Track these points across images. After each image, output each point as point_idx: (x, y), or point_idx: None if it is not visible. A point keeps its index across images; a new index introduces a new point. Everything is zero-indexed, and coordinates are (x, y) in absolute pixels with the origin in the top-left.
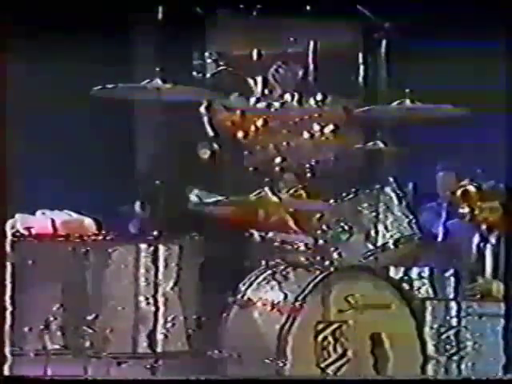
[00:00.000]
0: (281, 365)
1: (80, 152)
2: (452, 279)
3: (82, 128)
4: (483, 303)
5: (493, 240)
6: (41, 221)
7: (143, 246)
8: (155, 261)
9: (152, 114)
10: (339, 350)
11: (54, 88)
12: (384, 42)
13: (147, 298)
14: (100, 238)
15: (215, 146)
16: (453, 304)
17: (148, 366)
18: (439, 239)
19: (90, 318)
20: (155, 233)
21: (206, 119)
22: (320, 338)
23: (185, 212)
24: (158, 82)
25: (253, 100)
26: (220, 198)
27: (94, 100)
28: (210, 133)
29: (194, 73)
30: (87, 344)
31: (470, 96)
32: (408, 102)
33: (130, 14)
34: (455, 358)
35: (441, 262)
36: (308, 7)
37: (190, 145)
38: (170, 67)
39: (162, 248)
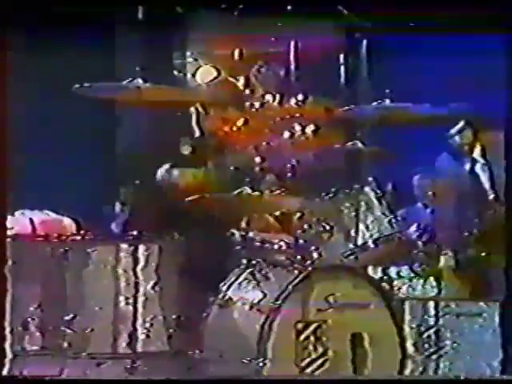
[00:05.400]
0: (261, 364)
1: (60, 151)
2: (431, 279)
3: (61, 127)
4: (461, 302)
5: None
6: (20, 221)
7: (123, 245)
8: (135, 261)
9: (134, 113)
10: (319, 350)
11: (36, 86)
12: (365, 42)
13: (127, 298)
14: (79, 237)
15: (196, 142)
16: (431, 303)
17: (128, 367)
18: (419, 238)
19: (69, 318)
20: (135, 232)
21: (193, 120)
22: (300, 337)
23: (165, 211)
24: (139, 81)
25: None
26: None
27: (76, 99)
28: (197, 133)
29: (175, 72)
30: (66, 344)
31: (451, 96)
32: (388, 101)
33: (112, 14)
34: (434, 356)
35: (420, 261)
36: (289, 7)
37: (171, 144)
38: (151, 66)
39: (142, 248)
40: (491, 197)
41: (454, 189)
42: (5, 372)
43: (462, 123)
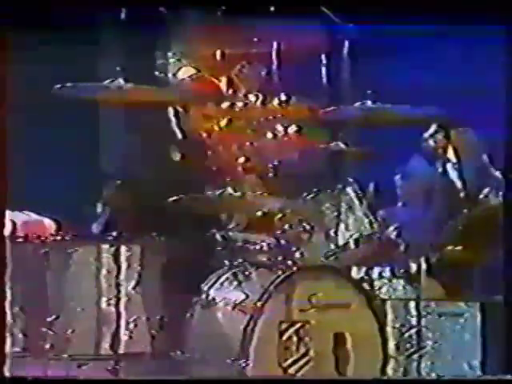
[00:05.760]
0: (244, 365)
1: (41, 152)
2: (412, 279)
3: (43, 127)
4: (442, 303)
5: None
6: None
7: (104, 246)
8: (117, 261)
9: (115, 114)
10: (302, 350)
11: (16, 87)
12: (347, 43)
13: (109, 299)
14: (60, 238)
15: (184, 148)
16: (412, 303)
17: (110, 368)
18: (399, 238)
19: (50, 319)
20: (115, 233)
21: (174, 122)
22: (283, 337)
23: (146, 212)
24: (121, 81)
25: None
26: None
27: (57, 99)
28: (179, 135)
29: (157, 72)
30: (48, 346)
31: (432, 96)
32: (370, 102)
33: (94, 14)
34: (415, 356)
35: (401, 261)
36: (272, 8)
37: (153, 144)
38: (133, 67)
39: (123, 248)
40: (462, 195)
41: (430, 189)
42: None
43: (434, 127)
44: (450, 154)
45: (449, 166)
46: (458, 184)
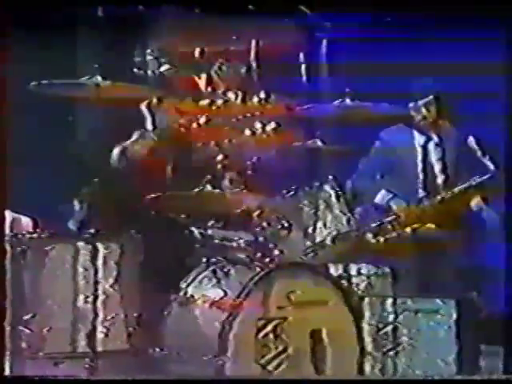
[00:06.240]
0: (221, 362)
1: (17, 149)
2: (388, 276)
3: (19, 124)
4: (418, 299)
5: None
6: None
7: (82, 244)
8: (94, 259)
9: (93, 111)
10: (280, 347)
11: None
12: (325, 42)
13: (86, 297)
14: (37, 236)
15: (152, 136)
16: (389, 300)
17: (87, 366)
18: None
19: (27, 317)
20: (93, 231)
21: (148, 118)
22: (261, 334)
23: (124, 210)
24: (98, 78)
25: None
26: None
27: (33, 96)
28: (150, 127)
29: (136, 70)
30: (24, 344)
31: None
32: (348, 101)
33: (72, 11)
34: (391, 353)
35: (378, 258)
36: (250, 6)
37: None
38: (111, 64)
39: (101, 246)
40: (440, 180)
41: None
42: None
43: (430, 97)
44: (435, 132)
45: (431, 145)
46: (437, 165)
